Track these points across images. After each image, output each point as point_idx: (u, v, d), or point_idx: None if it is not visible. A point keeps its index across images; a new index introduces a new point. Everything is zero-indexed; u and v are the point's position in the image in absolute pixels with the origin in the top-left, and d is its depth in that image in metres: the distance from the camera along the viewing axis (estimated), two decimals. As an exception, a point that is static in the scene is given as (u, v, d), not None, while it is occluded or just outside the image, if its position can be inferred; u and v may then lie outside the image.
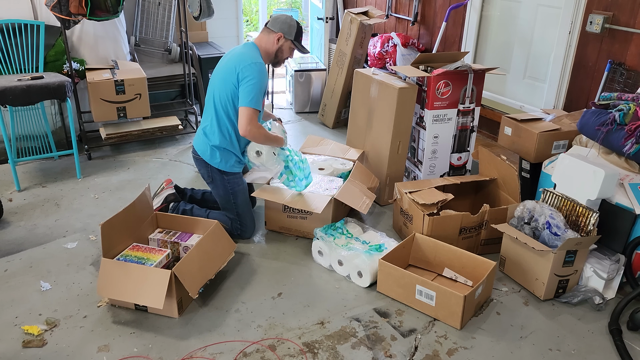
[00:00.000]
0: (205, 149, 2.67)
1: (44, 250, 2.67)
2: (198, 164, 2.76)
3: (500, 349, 2.09)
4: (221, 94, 2.59)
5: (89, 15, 3.33)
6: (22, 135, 3.72)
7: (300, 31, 2.68)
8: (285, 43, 2.66)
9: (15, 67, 3.58)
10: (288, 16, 2.68)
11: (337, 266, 2.53)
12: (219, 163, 2.66)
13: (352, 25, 4.23)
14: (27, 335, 2.09)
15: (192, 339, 2.10)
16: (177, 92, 4.71)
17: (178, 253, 2.51)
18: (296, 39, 2.68)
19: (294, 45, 2.69)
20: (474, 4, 3.95)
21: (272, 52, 2.66)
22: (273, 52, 2.66)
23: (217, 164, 2.66)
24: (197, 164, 2.77)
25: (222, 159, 2.66)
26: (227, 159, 2.67)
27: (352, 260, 2.45)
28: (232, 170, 2.70)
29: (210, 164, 2.67)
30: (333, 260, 2.53)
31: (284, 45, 2.66)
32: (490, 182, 2.93)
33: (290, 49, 2.70)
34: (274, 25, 2.64)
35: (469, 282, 2.40)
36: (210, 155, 2.66)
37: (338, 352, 2.05)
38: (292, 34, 2.65)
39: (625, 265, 2.36)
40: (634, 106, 2.45)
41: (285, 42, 2.66)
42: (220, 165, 2.66)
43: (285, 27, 2.63)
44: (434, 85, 2.92)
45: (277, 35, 2.62)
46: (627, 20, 2.96)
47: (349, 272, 2.48)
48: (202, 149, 2.69)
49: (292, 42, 2.68)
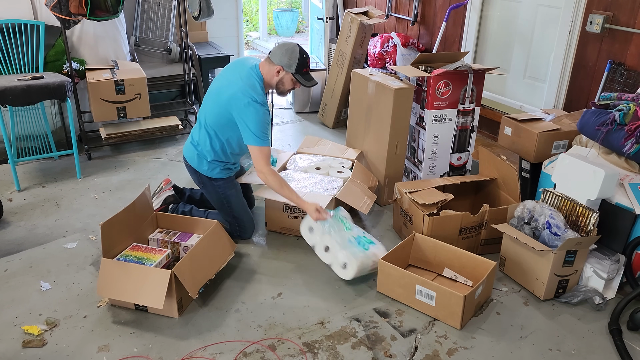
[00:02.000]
0: (193, 156, 2.67)
1: (44, 250, 2.67)
2: (189, 170, 2.76)
3: (500, 349, 2.09)
4: (213, 119, 2.55)
5: (89, 15, 3.33)
6: (22, 135, 3.72)
7: (303, 63, 2.49)
8: (285, 75, 2.51)
9: (15, 67, 3.58)
10: (292, 45, 2.50)
11: (322, 251, 2.47)
12: (207, 170, 2.65)
13: (352, 25, 4.23)
14: (27, 335, 2.09)
15: (192, 339, 2.10)
16: (177, 92, 4.71)
17: (178, 253, 2.51)
18: (298, 71, 2.49)
19: (295, 78, 2.53)
20: (474, 4, 3.95)
21: (272, 84, 2.54)
22: (274, 84, 2.54)
23: (204, 171, 2.65)
24: (188, 170, 2.76)
25: (209, 167, 2.65)
26: (214, 167, 2.65)
27: (339, 251, 2.39)
28: (220, 177, 2.69)
29: (199, 171, 2.67)
30: (320, 243, 2.46)
31: (284, 77, 2.51)
32: (490, 182, 2.93)
33: (292, 81, 2.53)
34: (275, 56, 2.49)
35: (469, 282, 2.40)
36: (198, 162, 2.65)
37: (338, 352, 2.05)
38: (293, 67, 2.47)
39: (625, 265, 2.36)
40: (634, 106, 2.45)
41: (285, 75, 2.50)
42: (207, 173, 2.66)
43: (285, 59, 2.46)
44: (434, 85, 2.92)
45: (276, 67, 2.48)
46: (627, 20, 2.96)
47: (332, 262, 2.43)
48: (190, 156, 2.69)
49: (293, 76, 2.51)
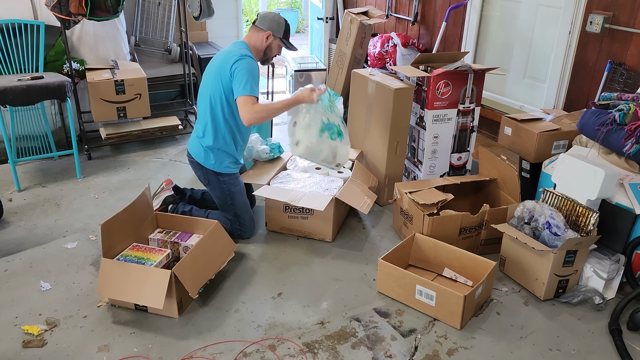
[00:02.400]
0: (199, 151, 2.67)
1: (44, 250, 2.67)
2: (194, 167, 2.76)
3: (500, 349, 2.09)
4: (214, 92, 2.59)
5: (89, 15, 3.33)
6: (22, 135, 3.72)
7: (288, 29, 2.71)
8: (274, 41, 2.69)
9: (15, 67, 3.58)
10: (276, 14, 2.71)
11: (290, 126, 2.73)
12: (214, 165, 2.66)
13: (352, 25, 4.23)
14: (27, 335, 2.09)
15: (192, 339, 2.10)
16: (177, 92, 4.71)
17: (178, 253, 2.51)
18: (284, 36, 2.70)
19: (282, 42, 2.72)
20: (474, 4, 3.94)
21: (261, 49, 2.69)
22: (262, 49, 2.69)
23: (211, 165, 2.66)
24: (193, 166, 2.76)
25: (217, 160, 2.65)
26: (222, 160, 2.66)
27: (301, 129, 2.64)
28: (227, 171, 2.69)
29: (205, 166, 2.67)
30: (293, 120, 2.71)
31: (272, 42, 2.69)
32: (490, 182, 2.93)
33: (278, 46, 2.73)
34: (262, 23, 2.66)
35: (469, 282, 2.40)
36: (205, 157, 2.66)
37: (338, 352, 2.05)
38: (281, 32, 2.68)
39: (625, 265, 2.36)
40: (634, 106, 2.45)
41: (274, 40, 2.69)
42: (215, 167, 2.66)
43: (273, 24, 2.65)
44: (434, 85, 2.92)
45: (266, 33, 2.65)
46: (627, 20, 2.96)
47: (291, 135, 2.70)
48: (196, 151, 2.69)
49: (281, 40, 2.70)
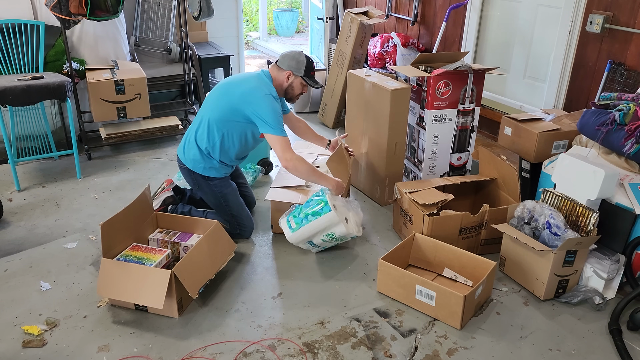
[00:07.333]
0: (188, 155, 2.67)
1: (44, 250, 2.67)
2: (183, 173, 2.75)
3: (500, 349, 2.09)
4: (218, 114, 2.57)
5: (89, 15, 3.33)
6: (22, 135, 3.72)
7: (310, 66, 2.67)
8: (295, 80, 2.66)
9: (15, 67, 3.58)
10: (296, 52, 2.69)
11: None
12: (203, 169, 2.65)
13: (352, 25, 4.23)
14: (27, 335, 2.09)
15: (192, 339, 2.10)
16: (177, 92, 4.71)
17: (178, 253, 2.51)
18: (306, 74, 2.67)
19: (304, 81, 2.68)
20: (474, 4, 3.95)
21: (283, 88, 2.67)
22: (285, 87, 2.67)
23: (200, 169, 2.65)
24: (183, 172, 2.76)
25: (205, 164, 2.65)
26: (210, 164, 2.65)
27: (285, 216, 2.57)
28: (216, 176, 2.69)
29: (194, 171, 2.67)
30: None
31: (294, 82, 2.66)
32: (490, 182, 2.93)
33: (301, 84, 2.69)
34: (283, 62, 2.64)
35: (469, 282, 2.40)
36: (193, 162, 2.65)
37: (338, 352, 2.05)
38: (301, 70, 2.64)
39: (625, 265, 2.36)
40: (634, 106, 2.45)
41: (295, 79, 2.66)
42: (204, 172, 2.66)
43: (293, 63, 2.63)
44: (434, 85, 2.92)
45: (286, 73, 2.63)
46: (627, 20, 2.96)
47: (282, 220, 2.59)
48: (185, 156, 2.68)
49: (302, 79, 2.67)
